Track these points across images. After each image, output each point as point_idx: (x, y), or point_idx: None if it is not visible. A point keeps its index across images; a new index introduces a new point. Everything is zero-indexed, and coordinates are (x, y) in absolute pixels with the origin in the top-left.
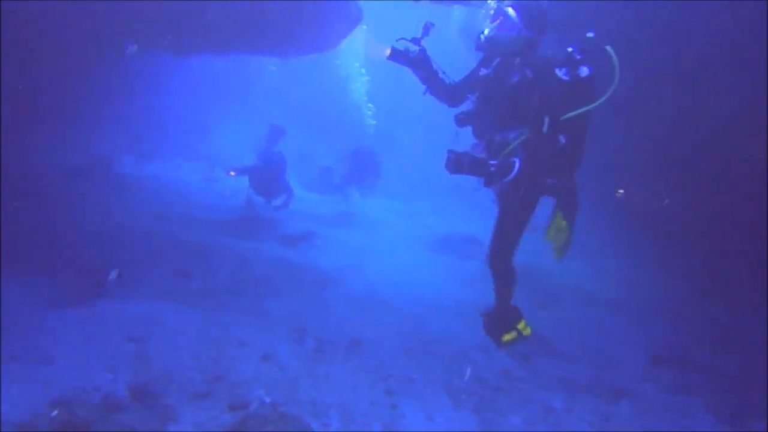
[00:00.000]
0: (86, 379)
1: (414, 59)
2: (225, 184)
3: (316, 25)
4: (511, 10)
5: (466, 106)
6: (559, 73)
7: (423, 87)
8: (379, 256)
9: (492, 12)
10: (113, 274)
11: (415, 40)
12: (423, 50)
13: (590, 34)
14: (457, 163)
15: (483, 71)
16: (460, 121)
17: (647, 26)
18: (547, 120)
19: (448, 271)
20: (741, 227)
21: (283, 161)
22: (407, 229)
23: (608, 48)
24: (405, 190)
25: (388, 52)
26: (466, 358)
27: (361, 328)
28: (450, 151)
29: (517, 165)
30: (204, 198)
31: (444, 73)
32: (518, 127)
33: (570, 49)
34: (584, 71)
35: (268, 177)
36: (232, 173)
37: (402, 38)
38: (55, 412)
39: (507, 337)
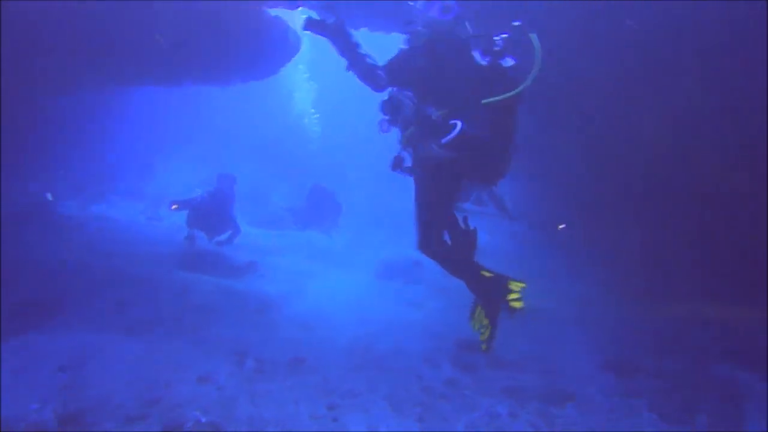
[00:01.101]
0: (10, 410)
1: (330, 28)
2: (170, 222)
3: (255, 55)
4: None
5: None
6: (477, 56)
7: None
8: (324, 282)
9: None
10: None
11: (331, 8)
12: (340, 20)
13: (517, 23)
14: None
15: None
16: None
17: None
18: (450, 136)
19: (395, 294)
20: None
21: (231, 196)
22: (355, 257)
23: (533, 36)
24: (357, 223)
25: (303, 22)
26: (411, 372)
27: (305, 348)
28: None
29: (459, 126)
30: (147, 235)
31: (368, 55)
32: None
33: (503, 35)
34: (508, 62)
35: (211, 211)
36: (174, 206)
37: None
38: None
39: (514, 300)
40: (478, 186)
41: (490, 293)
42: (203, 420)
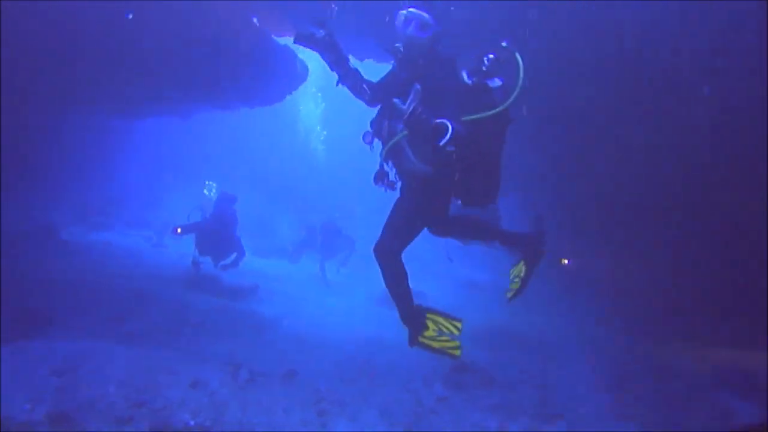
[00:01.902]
0: (2, 411)
1: (320, 42)
2: (174, 250)
3: (262, 82)
4: (424, 12)
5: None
6: (464, 76)
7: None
8: (323, 306)
9: (404, 19)
10: None
11: (321, 23)
12: (330, 34)
13: (504, 44)
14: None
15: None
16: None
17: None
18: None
19: (394, 319)
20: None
21: (234, 219)
22: (356, 287)
23: (516, 54)
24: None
25: (293, 37)
26: (403, 387)
27: (298, 362)
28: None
29: (450, 126)
30: (150, 260)
31: (357, 69)
32: None
33: (490, 56)
34: (496, 82)
35: (216, 235)
36: (179, 230)
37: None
38: None
39: (423, 339)
40: (469, 206)
41: (533, 250)
42: (192, 423)
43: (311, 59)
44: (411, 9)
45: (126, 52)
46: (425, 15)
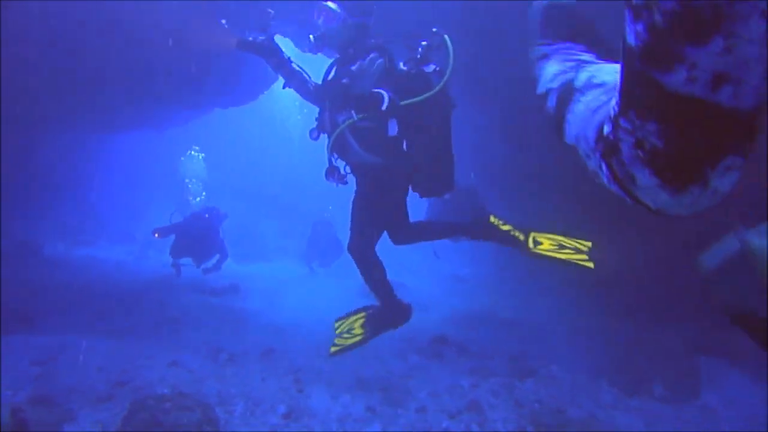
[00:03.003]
0: None
1: (262, 47)
2: (156, 260)
3: (234, 82)
4: (331, 3)
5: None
6: (401, 65)
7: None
8: (304, 299)
9: (316, 10)
10: None
11: (263, 28)
12: (270, 38)
13: (434, 29)
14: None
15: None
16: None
17: None
18: (384, 103)
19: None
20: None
21: (216, 219)
22: (340, 284)
23: (446, 37)
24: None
25: (235, 44)
26: (379, 360)
27: (277, 344)
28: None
29: (386, 97)
30: (132, 269)
31: (302, 69)
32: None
33: (423, 43)
34: (431, 67)
35: (196, 236)
36: (157, 235)
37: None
38: None
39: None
40: (426, 196)
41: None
42: (168, 392)
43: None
44: (322, 1)
45: (97, 63)
46: (333, 5)
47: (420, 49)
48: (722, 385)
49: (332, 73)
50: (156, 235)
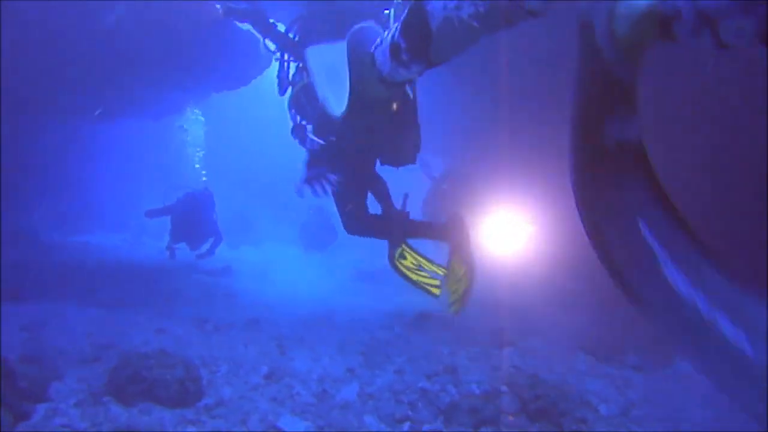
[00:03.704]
0: None
1: (246, 12)
2: (151, 246)
3: (227, 67)
4: None
5: None
6: None
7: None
8: (296, 281)
9: None
10: None
11: None
12: (252, 4)
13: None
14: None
15: None
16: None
17: None
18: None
19: (364, 292)
20: None
21: (210, 201)
22: (333, 267)
23: (389, 11)
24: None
25: (221, 12)
26: (363, 330)
27: (262, 315)
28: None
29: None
30: (126, 253)
31: (287, 35)
32: None
33: (386, 11)
34: None
35: (189, 217)
36: (147, 216)
37: None
38: None
39: (401, 265)
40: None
41: (454, 234)
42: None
43: None
44: None
45: (92, 51)
46: None
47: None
48: None
49: None
50: (146, 217)
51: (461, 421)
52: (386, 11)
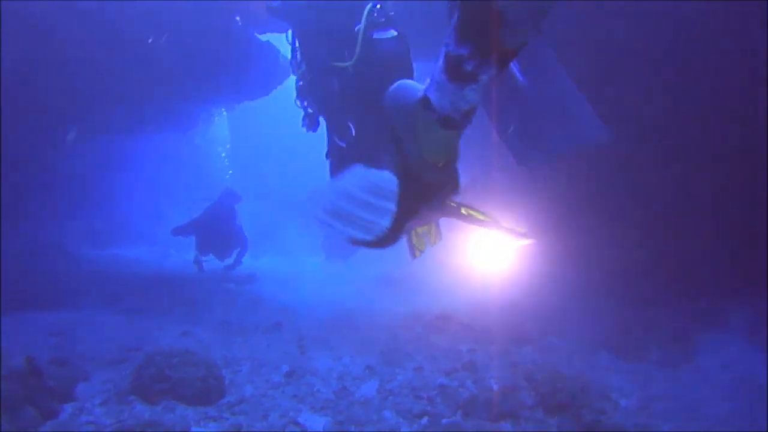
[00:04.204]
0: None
1: (290, 12)
2: (178, 258)
3: (246, 77)
4: None
5: None
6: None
7: None
8: (320, 287)
9: None
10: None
11: None
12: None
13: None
14: None
15: None
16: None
17: None
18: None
19: (386, 296)
20: None
21: (232, 213)
22: (355, 274)
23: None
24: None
25: (266, 9)
26: (383, 330)
27: (285, 319)
28: None
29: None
30: (154, 264)
31: None
32: None
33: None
34: (391, 32)
35: (215, 230)
36: (177, 234)
37: None
38: None
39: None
40: None
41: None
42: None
43: None
44: None
45: (117, 64)
46: None
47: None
48: (718, 351)
49: None
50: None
51: (480, 415)
52: (377, 6)
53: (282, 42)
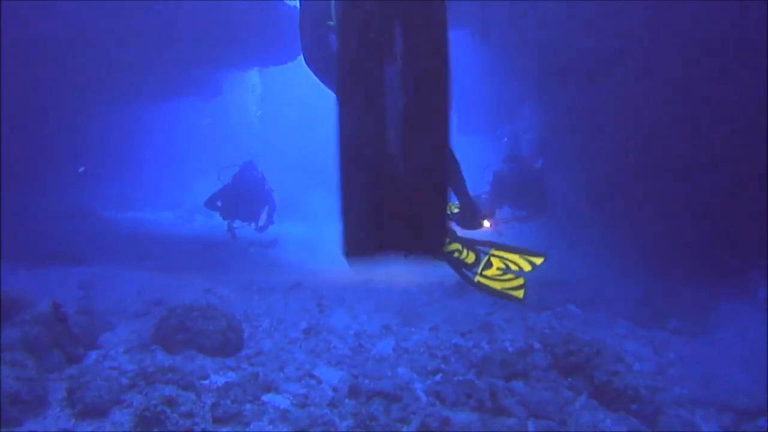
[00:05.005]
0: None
1: None
2: (204, 223)
3: (272, 41)
4: None
5: None
6: None
7: None
8: (333, 254)
9: None
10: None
11: None
12: None
13: None
14: None
15: None
16: None
17: None
18: None
19: (410, 265)
20: None
21: (260, 179)
22: None
23: None
24: None
25: None
26: (402, 293)
27: (305, 280)
28: None
29: None
30: (178, 228)
31: None
32: None
33: None
34: None
35: (242, 195)
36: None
37: None
38: None
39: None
40: None
41: None
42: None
43: None
44: None
45: (143, 30)
46: None
47: None
48: (738, 322)
49: None
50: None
51: (493, 374)
52: None
53: None
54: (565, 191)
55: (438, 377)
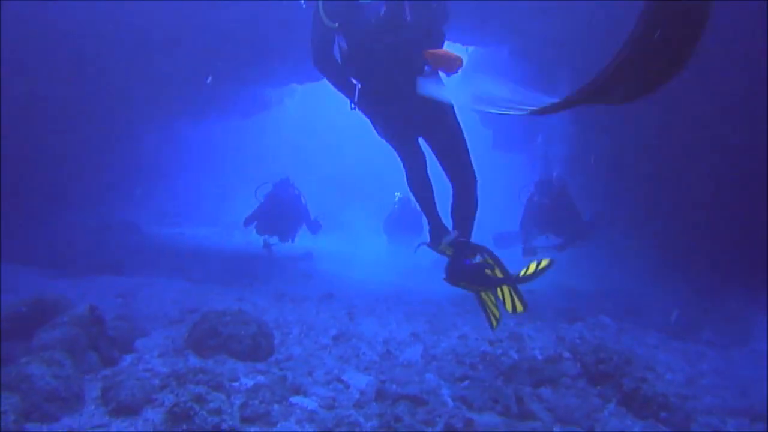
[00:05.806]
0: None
1: None
2: (241, 239)
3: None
4: None
5: None
6: None
7: None
8: (375, 267)
9: None
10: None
11: None
12: None
13: None
14: None
15: None
16: None
17: None
18: None
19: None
20: None
21: (295, 196)
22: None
23: None
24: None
25: None
26: (431, 303)
27: (337, 291)
28: None
29: None
30: (215, 243)
31: None
32: None
33: None
34: None
35: (278, 212)
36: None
37: None
38: None
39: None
40: None
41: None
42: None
43: None
44: None
45: (187, 52)
46: None
47: None
48: None
49: None
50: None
51: (521, 380)
52: None
53: None
54: (601, 204)
55: (465, 383)
